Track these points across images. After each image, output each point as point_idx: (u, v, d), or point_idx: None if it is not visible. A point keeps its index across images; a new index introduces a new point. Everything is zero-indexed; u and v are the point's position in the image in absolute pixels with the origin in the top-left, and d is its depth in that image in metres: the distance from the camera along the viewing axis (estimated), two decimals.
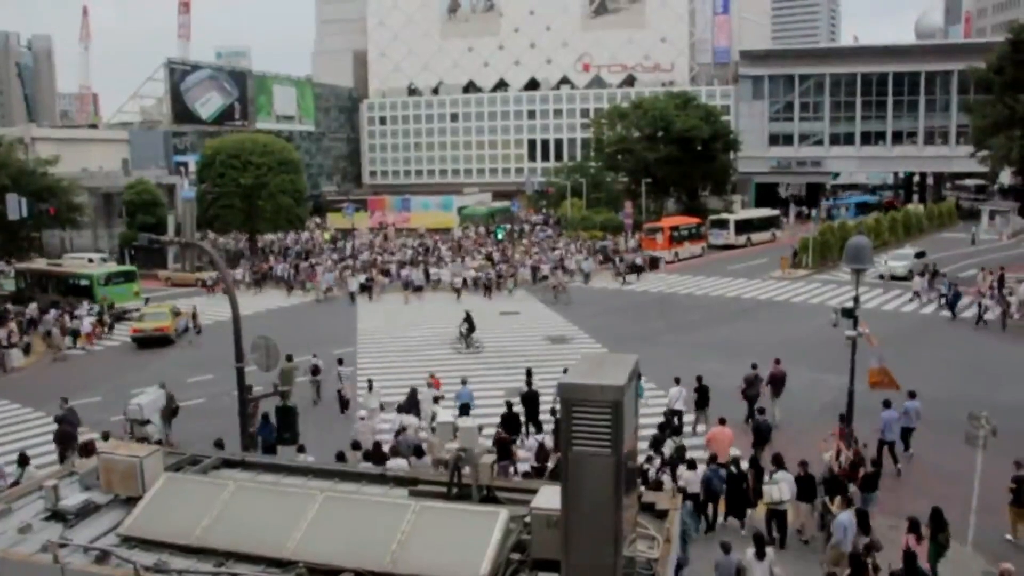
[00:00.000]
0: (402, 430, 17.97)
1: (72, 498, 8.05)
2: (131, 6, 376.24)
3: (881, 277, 41.42)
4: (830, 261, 46.88)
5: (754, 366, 21.52)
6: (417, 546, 6.79)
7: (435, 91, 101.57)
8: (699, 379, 20.99)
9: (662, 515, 7.70)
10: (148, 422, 19.71)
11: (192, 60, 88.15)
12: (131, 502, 7.81)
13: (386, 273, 47.43)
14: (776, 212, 66.96)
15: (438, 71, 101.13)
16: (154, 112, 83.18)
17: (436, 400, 20.62)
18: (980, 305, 32.14)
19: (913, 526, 13.00)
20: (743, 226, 59.79)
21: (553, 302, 39.44)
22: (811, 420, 20.68)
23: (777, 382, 21.45)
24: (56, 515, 7.85)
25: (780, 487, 14.73)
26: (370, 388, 22.10)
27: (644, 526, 7.33)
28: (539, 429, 19.38)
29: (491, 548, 6.65)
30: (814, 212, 76.60)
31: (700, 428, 20.48)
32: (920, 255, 45.00)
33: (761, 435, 18.03)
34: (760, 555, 12.21)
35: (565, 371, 21.67)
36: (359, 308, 40.48)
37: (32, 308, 37.85)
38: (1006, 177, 69.81)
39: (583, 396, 5.94)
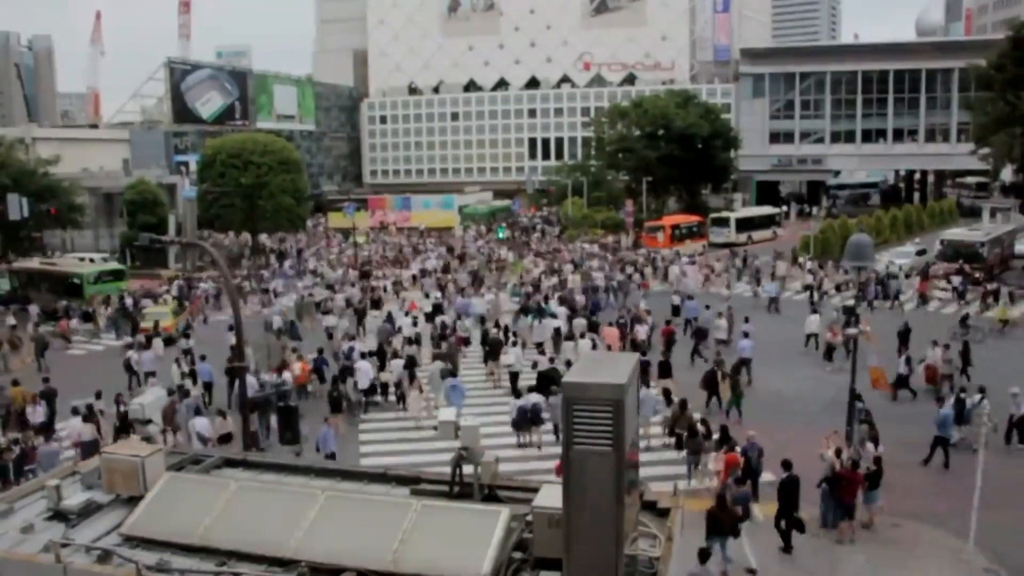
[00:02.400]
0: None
1: (74, 498, 8.06)
2: (131, 6, 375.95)
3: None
4: (831, 259, 46.73)
5: (596, 289, 36.60)
6: (419, 545, 6.80)
7: (435, 90, 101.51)
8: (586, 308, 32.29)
9: (664, 513, 7.70)
10: (150, 421, 19.72)
11: (192, 60, 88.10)
12: (133, 501, 7.83)
13: (377, 304, 35.25)
14: (777, 210, 66.89)
15: (438, 70, 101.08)
16: (155, 112, 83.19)
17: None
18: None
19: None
20: (744, 224, 59.77)
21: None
22: (811, 419, 20.70)
23: (616, 290, 37.71)
24: (58, 515, 7.86)
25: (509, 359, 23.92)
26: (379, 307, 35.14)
27: (646, 524, 7.34)
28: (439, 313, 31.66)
29: (493, 547, 6.66)
30: (815, 210, 76.54)
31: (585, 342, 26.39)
32: (921, 252, 44.91)
33: (622, 329, 27.50)
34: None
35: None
36: None
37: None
38: (1007, 174, 69.53)
39: (584, 395, 5.94)
